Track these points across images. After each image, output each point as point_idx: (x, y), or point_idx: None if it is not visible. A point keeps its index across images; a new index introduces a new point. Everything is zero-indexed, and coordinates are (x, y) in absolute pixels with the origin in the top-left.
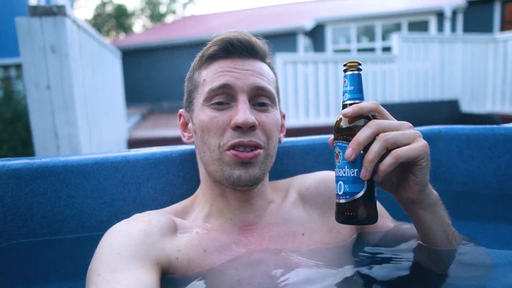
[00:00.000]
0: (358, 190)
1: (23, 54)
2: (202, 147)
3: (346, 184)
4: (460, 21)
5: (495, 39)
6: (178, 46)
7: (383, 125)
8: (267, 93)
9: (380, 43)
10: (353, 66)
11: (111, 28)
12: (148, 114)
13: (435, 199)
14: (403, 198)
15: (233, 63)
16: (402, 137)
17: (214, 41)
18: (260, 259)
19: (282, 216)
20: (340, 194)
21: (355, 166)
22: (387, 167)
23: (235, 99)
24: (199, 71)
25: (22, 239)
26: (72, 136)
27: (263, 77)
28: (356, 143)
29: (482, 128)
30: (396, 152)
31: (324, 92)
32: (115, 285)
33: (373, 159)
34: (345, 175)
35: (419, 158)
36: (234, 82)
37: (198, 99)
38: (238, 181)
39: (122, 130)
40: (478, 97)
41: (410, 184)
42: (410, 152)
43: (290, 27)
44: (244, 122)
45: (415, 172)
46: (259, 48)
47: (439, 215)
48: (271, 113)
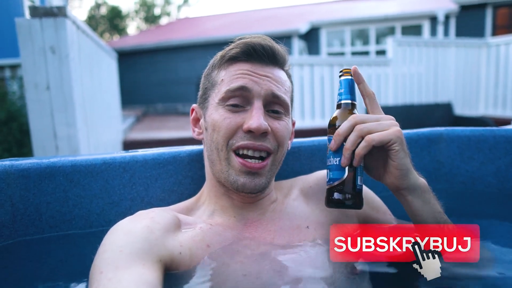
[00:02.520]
0: (340, 176)
1: (22, 54)
2: (210, 145)
3: (331, 171)
4: (453, 25)
5: (487, 44)
6: (172, 48)
7: (361, 117)
8: (281, 101)
9: (374, 46)
10: (347, 72)
11: (105, 30)
12: (142, 116)
13: (423, 186)
14: (389, 185)
15: (253, 67)
16: (377, 126)
17: (237, 43)
18: (266, 253)
19: (286, 210)
20: (327, 181)
21: (338, 155)
22: (361, 150)
23: (251, 103)
24: (218, 70)
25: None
26: (71, 137)
27: (280, 86)
28: (337, 135)
29: (482, 129)
30: (369, 137)
31: (319, 95)
32: (118, 283)
33: (350, 147)
34: (331, 163)
35: (392, 142)
36: (252, 86)
37: (213, 98)
38: (243, 188)
39: (117, 131)
40: (470, 100)
41: (390, 170)
42: (382, 137)
43: (285, 30)
44: (258, 127)
45: (391, 156)
46: (280, 55)
47: (428, 202)
48: (283, 121)
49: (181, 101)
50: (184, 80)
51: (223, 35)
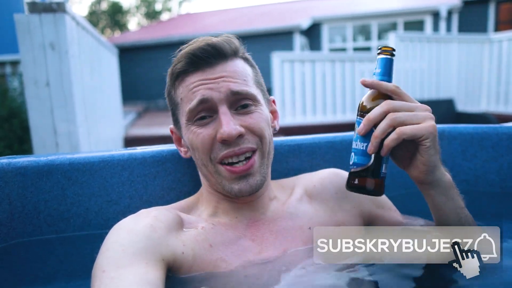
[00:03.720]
0: (365, 162)
1: (22, 51)
2: (197, 162)
3: (356, 155)
4: (456, 21)
5: (490, 39)
6: (173, 44)
7: (394, 105)
8: (245, 95)
9: (376, 42)
10: (386, 50)
11: (106, 25)
12: (143, 112)
13: (448, 183)
14: (414, 177)
15: (204, 74)
16: (411, 118)
17: (179, 56)
18: (268, 254)
19: (288, 211)
20: (351, 164)
21: (365, 140)
22: (390, 142)
23: (216, 111)
24: (174, 89)
25: (28, 237)
26: (72, 133)
27: (238, 79)
28: (367, 120)
29: (485, 127)
30: (400, 129)
31: (321, 91)
32: (120, 282)
33: (379, 135)
34: (357, 147)
35: (424, 137)
36: (210, 94)
37: (181, 118)
38: (240, 193)
39: (119, 128)
40: (473, 96)
41: (417, 164)
42: (414, 131)
43: (286, 25)
44: (229, 135)
45: (421, 151)
46: (225, 48)
47: (452, 198)
48: (255, 113)
49: None
50: None
51: (224, 31)
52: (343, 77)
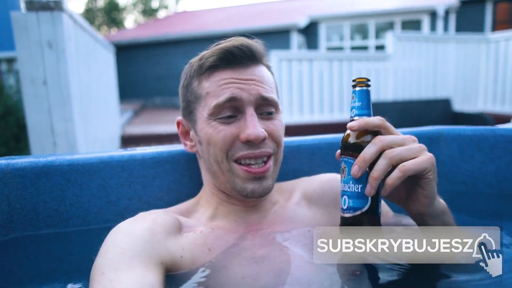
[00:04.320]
0: (362, 205)
1: (19, 49)
2: (208, 159)
3: (350, 199)
4: (453, 20)
5: (487, 39)
6: (170, 42)
7: (388, 141)
8: (271, 102)
9: (374, 41)
10: (362, 82)
11: (103, 23)
12: (140, 110)
13: (443, 209)
14: (412, 211)
15: (236, 73)
16: (408, 152)
17: (213, 50)
18: (265, 257)
19: (287, 215)
20: (345, 209)
21: (360, 182)
22: (394, 180)
23: (242, 111)
24: (198, 82)
25: (27, 238)
26: (69, 132)
27: (266, 86)
28: (362, 161)
29: (483, 129)
30: (404, 166)
31: (318, 90)
32: (119, 285)
33: (379, 177)
34: (350, 190)
35: (426, 171)
36: (240, 94)
37: (201, 112)
38: (252, 194)
39: (115, 126)
40: (470, 96)
41: (419, 198)
42: (417, 165)
43: (283, 24)
44: (256, 137)
45: (422, 185)
46: (258, 51)
47: (447, 223)
48: (277, 120)
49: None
50: None
51: (221, 29)
52: (340, 76)
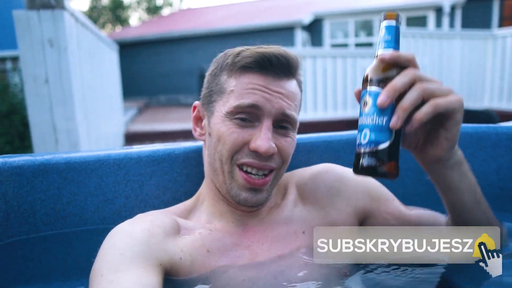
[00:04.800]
0: (384, 139)
1: (21, 47)
2: (214, 154)
3: (372, 132)
4: (459, 16)
5: (493, 36)
6: (175, 39)
7: (420, 74)
8: (291, 119)
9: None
10: (391, 17)
11: (107, 20)
12: (144, 107)
13: (461, 157)
14: (430, 157)
15: (266, 81)
16: (440, 89)
17: (251, 52)
18: (263, 259)
19: (283, 215)
20: (364, 143)
21: (385, 114)
22: (424, 115)
23: (260, 120)
24: (227, 76)
25: (24, 236)
26: (71, 130)
27: (291, 103)
28: (392, 89)
29: (485, 127)
30: (435, 101)
31: (321, 87)
32: (118, 286)
33: (409, 107)
34: (373, 122)
35: (456, 110)
36: (264, 104)
37: (220, 106)
38: (244, 203)
39: (119, 124)
40: (475, 93)
41: (440, 141)
42: (449, 103)
43: (287, 21)
44: (266, 151)
45: (448, 126)
46: (294, 65)
47: (466, 174)
48: (290, 137)
49: (184, 93)
50: (187, 71)
51: (225, 26)
52: (344, 73)
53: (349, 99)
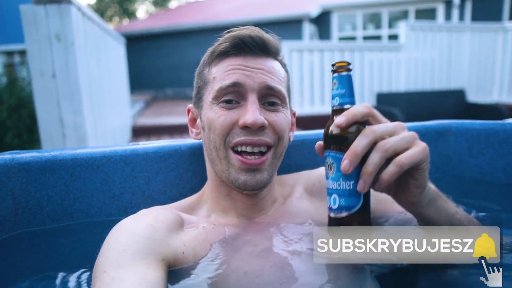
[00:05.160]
0: (355, 203)
1: (28, 42)
2: (208, 145)
3: (342, 197)
4: (469, 9)
5: (504, 28)
6: (182, 32)
7: (380, 131)
8: (277, 93)
9: (387, 30)
10: (342, 66)
11: (114, 13)
12: (152, 101)
13: (434, 195)
14: (403, 201)
15: (244, 61)
16: (401, 143)
17: (225, 37)
18: (267, 252)
19: (289, 210)
20: (335, 208)
21: (352, 178)
22: (390, 176)
23: (245, 98)
24: (209, 67)
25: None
26: (78, 125)
27: (274, 77)
28: (354, 155)
29: (492, 123)
30: (400, 160)
31: (329, 80)
32: (121, 282)
33: (373, 171)
34: (340, 188)
35: (421, 162)
36: (244, 80)
37: (207, 96)
38: (244, 186)
39: (126, 117)
40: (484, 87)
41: (410, 188)
42: (413, 158)
43: (295, 13)
44: (253, 122)
45: (416, 176)
46: (271, 45)
47: (441, 209)
48: (281, 113)
49: (191, 86)
50: (194, 64)
51: (233, 19)
52: (352, 67)
53: (357, 93)
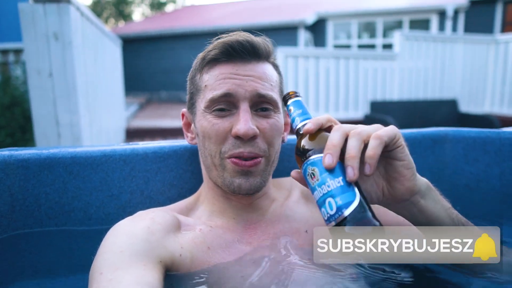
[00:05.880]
0: (352, 197)
1: (25, 41)
2: (204, 152)
3: (336, 197)
4: (462, 20)
5: (496, 40)
6: (177, 36)
7: (347, 126)
8: (269, 100)
9: (381, 40)
10: (293, 94)
11: (110, 15)
12: (146, 103)
13: (428, 184)
14: (402, 194)
15: (235, 68)
16: (370, 128)
17: (215, 44)
18: (264, 256)
19: (285, 213)
20: (334, 213)
21: (338, 174)
22: (375, 149)
23: (237, 106)
24: (200, 74)
25: (29, 229)
26: (74, 124)
27: (265, 83)
28: (332, 146)
29: (488, 131)
30: (377, 134)
31: (324, 87)
32: (118, 284)
33: (356, 154)
34: (331, 188)
35: (397, 137)
36: (236, 90)
37: (199, 104)
38: (239, 189)
39: (121, 119)
40: (476, 97)
41: (400, 172)
42: (387, 132)
43: (291, 20)
44: (245, 133)
45: (398, 155)
46: (261, 48)
47: (438, 200)
48: (272, 119)
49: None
50: (189, 68)
51: (228, 24)
52: (347, 74)
53: (351, 100)
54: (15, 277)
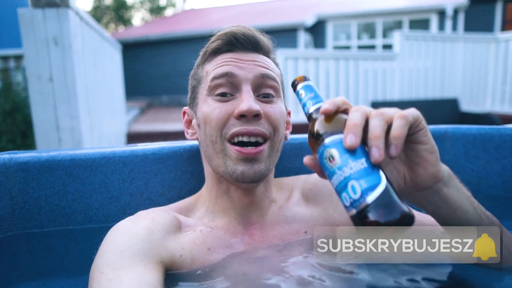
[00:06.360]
0: (378, 180)
1: (25, 46)
2: (205, 140)
3: (360, 179)
4: (462, 20)
5: (496, 39)
6: (177, 40)
7: (366, 107)
8: (272, 81)
9: (381, 40)
10: (301, 79)
11: (110, 20)
12: (147, 107)
13: (449, 171)
14: (426, 180)
15: (237, 55)
16: (392, 110)
17: (218, 35)
18: (264, 256)
19: (285, 214)
20: (357, 198)
21: (361, 155)
22: (401, 129)
23: (239, 89)
24: (202, 67)
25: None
26: (74, 129)
27: (268, 67)
28: (354, 126)
29: (488, 128)
30: (401, 113)
31: (324, 89)
32: (118, 284)
33: (381, 133)
34: (353, 170)
35: (420, 118)
36: (238, 71)
37: (201, 92)
38: (242, 177)
39: (121, 123)
40: (477, 96)
41: (424, 156)
42: (412, 113)
43: (290, 22)
44: (248, 109)
45: (421, 138)
46: (263, 43)
47: (460, 188)
48: (276, 104)
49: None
50: (189, 72)
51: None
52: (347, 76)
53: (351, 101)
54: (15, 278)
